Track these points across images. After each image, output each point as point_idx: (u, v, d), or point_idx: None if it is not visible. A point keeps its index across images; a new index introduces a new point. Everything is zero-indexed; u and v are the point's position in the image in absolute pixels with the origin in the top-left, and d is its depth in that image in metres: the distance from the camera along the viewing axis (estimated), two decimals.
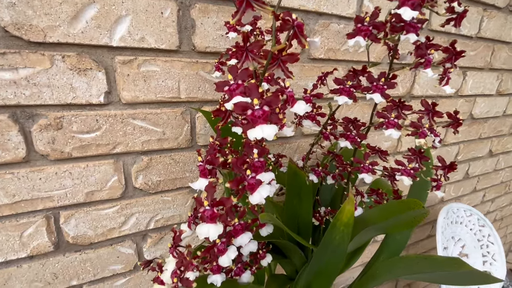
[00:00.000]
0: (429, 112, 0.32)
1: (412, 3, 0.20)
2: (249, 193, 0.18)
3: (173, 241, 0.23)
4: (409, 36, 0.22)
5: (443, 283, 0.29)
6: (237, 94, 0.18)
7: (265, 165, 0.20)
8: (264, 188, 0.18)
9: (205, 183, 0.19)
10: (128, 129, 0.44)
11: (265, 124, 0.15)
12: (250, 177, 0.18)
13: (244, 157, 0.19)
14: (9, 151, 0.38)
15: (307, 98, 0.31)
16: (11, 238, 0.42)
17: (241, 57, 0.21)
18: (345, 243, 0.35)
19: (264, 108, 0.16)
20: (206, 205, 0.18)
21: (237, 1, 0.19)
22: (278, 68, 0.21)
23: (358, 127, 0.35)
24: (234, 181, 0.18)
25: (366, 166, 0.35)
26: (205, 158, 0.20)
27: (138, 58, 0.41)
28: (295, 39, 0.18)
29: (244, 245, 0.24)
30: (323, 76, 0.34)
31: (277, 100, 0.16)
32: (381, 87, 0.28)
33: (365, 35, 0.23)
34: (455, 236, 0.92)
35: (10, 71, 0.35)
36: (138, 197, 0.49)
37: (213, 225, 0.18)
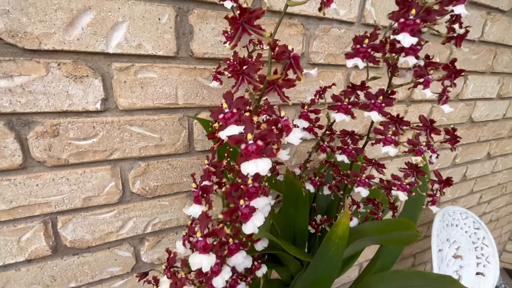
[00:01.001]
0: (427, 128, 0.31)
1: (411, 29, 0.19)
2: (243, 222, 0.18)
3: (168, 263, 0.23)
4: (408, 59, 0.22)
5: None
6: (232, 123, 0.18)
7: (259, 190, 0.20)
8: (257, 217, 0.18)
9: (199, 210, 0.19)
10: (125, 135, 0.44)
11: (259, 159, 0.15)
12: (244, 207, 0.18)
13: (238, 184, 0.19)
14: (5, 158, 0.38)
15: (305, 114, 0.30)
16: (9, 243, 0.42)
17: (237, 79, 0.20)
18: (339, 255, 0.35)
19: (258, 143, 0.16)
20: (199, 236, 0.18)
21: (233, 27, 0.18)
22: (274, 92, 0.20)
23: (356, 141, 0.35)
24: (227, 212, 0.18)
25: (362, 179, 0.35)
26: (199, 184, 0.20)
27: (135, 64, 0.41)
28: (291, 69, 0.17)
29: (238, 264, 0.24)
30: (321, 91, 0.34)
31: (272, 134, 0.16)
32: (379, 105, 0.28)
33: (364, 57, 0.23)
34: (450, 238, 0.93)
35: (5, 79, 0.35)
36: (136, 202, 0.49)
37: (206, 256, 0.18)
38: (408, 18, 0.19)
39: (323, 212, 0.51)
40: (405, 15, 0.20)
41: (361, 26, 0.57)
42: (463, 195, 1.12)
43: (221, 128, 0.19)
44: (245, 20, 0.18)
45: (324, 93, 0.34)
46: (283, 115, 0.18)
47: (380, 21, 0.58)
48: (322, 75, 0.57)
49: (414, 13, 0.19)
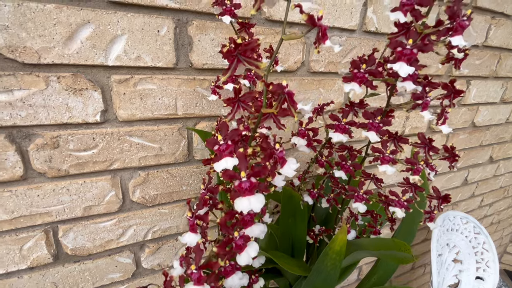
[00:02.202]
0: (425, 146, 0.31)
1: (408, 58, 0.19)
2: (237, 253, 0.18)
3: (164, 286, 0.23)
4: (405, 85, 0.22)
5: None
6: (226, 155, 0.18)
7: (254, 217, 0.20)
8: (252, 247, 0.18)
9: (194, 239, 0.19)
10: (125, 146, 0.44)
11: (253, 196, 0.15)
12: (238, 238, 0.18)
13: (233, 212, 0.19)
14: (6, 170, 0.38)
15: (302, 132, 0.30)
16: (11, 251, 0.43)
17: (233, 107, 0.21)
18: (336, 270, 0.35)
19: (251, 180, 0.16)
20: (193, 268, 0.18)
21: (228, 59, 0.18)
22: (270, 119, 0.20)
23: (354, 156, 0.35)
24: (221, 245, 0.18)
25: (360, 195, 0.35)
26: (195, 212, 0.20)
27: (134, 76, 0.41)
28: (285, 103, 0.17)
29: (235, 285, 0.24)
30: (319, 108, 0.34)
31: (265, 170, 0.16)
32: (377, 125, 0.28)
33: (361, 82, 0.23)
34: (450, 243, 0.93)
35: (5, 93, 0.35)
36: (136, 210, 0.50)
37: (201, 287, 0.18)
38: (405, 47, 0.19)
39: (322, 221, 0.51)
40: (402, 43, 0.19)
41: (362, 34, 0.57)
42: (464, 199, 1.11)
43: (216, 159, 0.19)
44: (241, 53, 0.18)
45: (322, 111, 0.34)
46: (277, 147, 0.18)
47: (382, 28, 0.58)
48: (322, 83, 0.57)
49: (411, 42, 0.19)
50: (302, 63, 0.53)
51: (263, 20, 0.47)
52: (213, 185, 0.22)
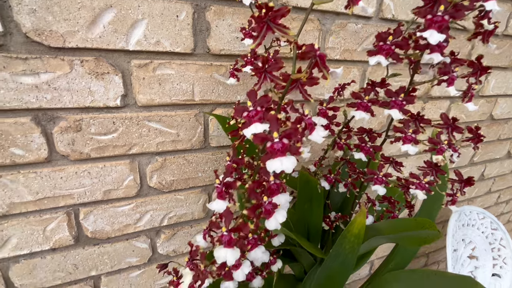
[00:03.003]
0: (448, 126, 0.31)
1: (439, 25, 0.19)
2: (266, 218, 0.18)
3: (190, 255, 0.24)
4: (433, 57, 0.22)
5: None
6: (256, 121, 0.18)
7: (280, 187, 0.20)
8: (280, 213, 0.18)
9: (222, 206, 0.20)
10: (144, 131, 0.45)
11: (284, 157, 0.16)
12: (267, 203, 0.18)
13: (260, 181, 0.19)
14: (32, 152, 0.40)
15: (323, 112, 0.30)
16: (35, 232, 0.44)
17: (259, 78, 0.21)
18: (354, 254, 0.35)
19: (283, 141, 0.16)
20: (224, 231, 0.19)
21: (257, 25, 0.19)
22: (296, 90, 0.20)
23: (373, 139, 0.35)
24: (251, 208, 0.18)
25: (379, 177, 0.35)
26: (222, 180, 0.21)
27: (153, 61, 0.42)
28: (316, 68, 0.17)
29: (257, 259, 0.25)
30: (340, 88, 0.34)
31: (296, 132, 0.16)
32: (400, 102, 0.27)
33: (387, 54, 0.22)
34: (466, 238, 0.91)
35: (32, 76, 0.36)
36: (153, 196, 0.51)
37: (231, 250, 0.19)
38: (436, 14, 0.19)
39: (337, 209, 0.51)
40: (432, 11, 0.19)
41: (378, 21, 0.56)
42: (480, 195, 1.09)
43: (244, 125, 0.19)
44: (270, 19, 0.18)
45: (343, 90, 0.34)
46: (306, 113, 0.18)
47: (399, 15, 0.57)
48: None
49: (443, 9, 0.19)
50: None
51: (279, 6, 0.47)
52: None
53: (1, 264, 0.44)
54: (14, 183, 0.40)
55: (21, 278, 0.46)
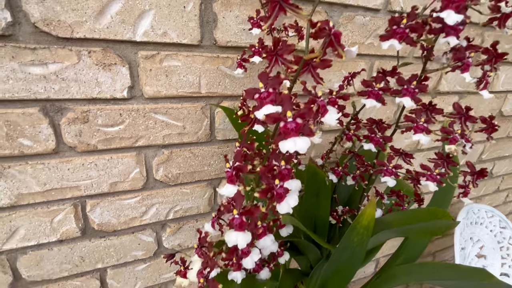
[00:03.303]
0: (461, 116, 0.30)
1: (456, 5, 0.18)
2: (277, 202, 0.18)
3: (199, 242, 0.24)
4: (449, 40, 0.21)
5: None
6: (268, 102, 0.18)
7: (291, 172, 0.20)
8: (291, 197, 0.18)
9: (233, 190, 0.19)
10: (150, 123, 0.45)
11: (298, 137, 0.15)
12: (278, 187, 0.18)
13: (271, 165, 0.19)
14: (40, 142, 0.40)
15: (333, 100, 0.30)
16: (42, 223, 0.45)
17: (270, 61, 0.20)
18: (363, 246, 0.35)
19: (297, 121, 0.15)
20: (235, 213, 0.18)
21: (270, 5, 0.18)
22: (308, 74, 0.20)
23: (383, 129, 0.34)
24: (263, 191, 0.18)
25: (389, 169, 0.34)
26: (233, 164, 0.20)
27: (160, 53, 0.41)
28: (330, 48, 0.17)
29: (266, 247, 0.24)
30: (350, 77, 0.33)
31: (310, 112, 0.16)
32: (412, 90, 0.27)
33: (401, 38, 0.22)
34: (474, 237, 0.89)
35: (40, 66, 0.36)
36: (159, 189, 0.51)
37: (242, 233, 0.18)
38: None
39: (344, 203, 0.50)
40: None
41: (387, 14, 0.55)
42: (488, 193, 1.07)
43: (256, 108, 0.19)
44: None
45: (353, 78, 0.33)
46: (320, 94, 0.18)
47: (407, 8, 0.56)
48: (345, 65, 0.56)
49: None
50: None
51: None
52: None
53: (9, 255, 0.44)
54: (22, 174, 0.40)
55: (28, 269, 0.46)
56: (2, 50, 0.34)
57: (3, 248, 0.43)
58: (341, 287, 0.41)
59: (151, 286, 0.59)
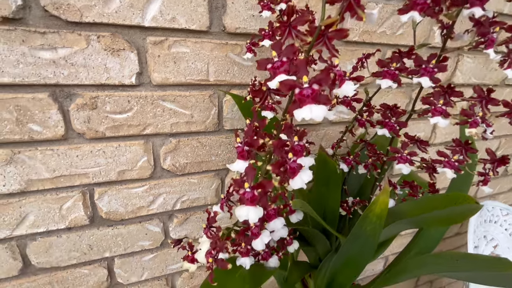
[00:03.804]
0: (482, 99, 0.29)
1: None
2: (290, 177, 0.17)
3: (208, 222, 0.23)
4: (474, 10, 0.20)
5: (487, 284, 0.27)
6: (281, 72, 0.17)
7: (304, 149, 0.19)
8: (305, 173, 0.17)
9: (243, 165, 0.19)
10: (158, 110, 0.45)
11: (314, 104, 0.14)
12: (292, 161, 0.17)
13: (284, 141, 0.18)
14: (49, 128, 0.40)
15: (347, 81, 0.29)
16: (51, 210, 0.45)
17: (283, 33, 0.19)
18: (376, 235, 0.34)
19: (313, 87, 0.14)
20: (246, 187, 0.18)
21: None
22: (323, 46, 0.19)
23: (398, 114, 0.33)
24: (275, 164, 0.17)
25: (404, 156, 0.33)
26: (244, 139, 0.20)
27: (168, 39, 0.41)
28: (348, 12, 0.16)
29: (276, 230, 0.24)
30: (364, 58, 0.32)
31: (328, 78, 0.15)
32: (431, 70, 0.26)
33: (421, 9, 0.21)
34: (488, 235, 0.87)
35: (50, 50, 0.36)
36: (166, 178, 0.50)
37: (253, 208, 0.18)
38: None
39: (355, 195, 0.49)
40: None
41: (400, 1, 0.53)
42: (503, 191, 1.03)
43: (269, 79, 0.18)
44: None
45: (368, 59, 0.32)
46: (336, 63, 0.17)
47: None
48: (356, 54, 0.54)
49: None
50: None
51: None
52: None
53: (19, 241, 0.45)
54: (32, 159, 0.41)
55: (37, 256, 0.47)
56: (13, 33, 0.34)
57: (13, 234, 0.44)
58: (350, 280, 0.40)
59: (157, 276, 0.59)
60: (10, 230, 0.43)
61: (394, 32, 0.56)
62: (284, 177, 0.17)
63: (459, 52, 0.62)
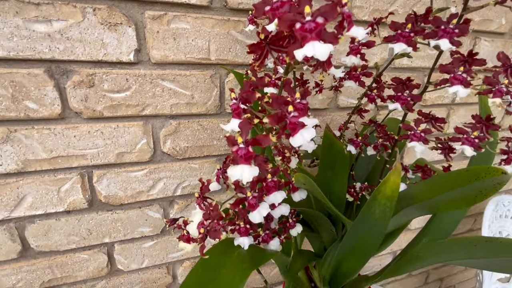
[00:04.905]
0: (507, 67, 0.26)
1: None
2: (291, 133, 0.15)
3: (201, 192, 0.21)
4: None
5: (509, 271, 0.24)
6: (282, 13, 0.15)
7: (307, 109, 0.17)
8: (307, 131, 0.15)
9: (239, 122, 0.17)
10: (157, 90, 0.43)
11: (318, 41, 0.12)
12: (292, 116, 0.15)
13: (283, 97, 0.16)
14: (46, 106, 0.39)
15: (355, 48, 0.26)
16: (49, 192, 0.44)
17: None
18: (386, 219, 0.31)
19: (317, 21, 0.12)
20: (240, 142, 0.16)
21: None
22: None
23: (412, 87, 0.30)
24: (273, 116, 0.15)
25: (417, 133, 0.30)
26: (239, 95, 0.18)
27: (168, 13, 0.39)
28: None
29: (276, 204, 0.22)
30: (375, 23, 0.29)
31: (334, 11, 0.12)
32: (451, 31, 0.23)
33: None
34: (503, 231, 0.82)
35: (45, 23, 0.35)
36: (166, 162, 0.49)
37: (248, 166, 0.15)
38: None
39: (363, 181, 0.46)
40: None
41: None
42: None
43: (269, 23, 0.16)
44: None
45: (379, 24, 0.29)
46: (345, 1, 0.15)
47: None
48: None
49: None
50: None
51: None
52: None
53: (17, 223, 0.44)
54: (28, 138, 0.40)
55: (36, 239, 0.46)
56: (6, 4, 0.33)
57: (11, 215, 0.43)
58: (356, 269, 0.37)
59: (158, 264, 0.57)
60: (8, 212, 0.43)
61: (407, 11, 0.53)
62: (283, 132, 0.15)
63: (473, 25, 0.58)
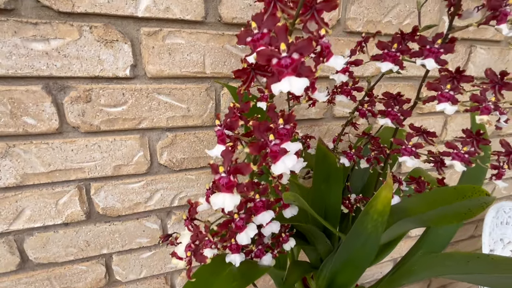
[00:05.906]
0: (495, 84, 0.26)
1: None
2: (271, 161, 0.15)
3: (189, 214, 0.22)
4: None
5: None
6: (262, 45, 0.15)
7: (291, 134, 0.17)
8: (289, 158, 0.15)
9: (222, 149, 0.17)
10: (153, 104, 0.44)
11: (294, 76, 0.13)
12: (273, 144, 0.15)
13: (267, 123, 0.16)
14: (44, 121, 0.39)
15: (344, 68, 0.27)
16: (48, 205, 0.44)
17: (268, 6, 0.18)
18: (378, 233, 0.31)
19: (293, 56, 0.13)
20: (221, 171, 0.16)
21: None
22: (311, 20, 0.17)
23: (402, 103, 0.30)
24: (254, 145, 0.15)
25: (408, 147, 0.30)
26: (224, 122, 0.18)
27: (163, 29, 0.40)
28: None
29: (265, 224, 0.22)
30: (363, 41, 0.30)
31: (310, 46, 0.13)
32: (436, 50, 0.23)
33: None
34: (505, 238, 0.82)
35: (42, 41, 0.36)
36: (163, 174, 0.49)
37: (229, 194, 0.16)
38: None
39: (358, 192, 0.46)
40: None
41: None
42: None
43: (249, 54, 0.16)
44: None
45: (367, 42, 0.30)
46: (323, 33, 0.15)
47: None
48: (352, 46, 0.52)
49: None
50: (337, 21, 0.49)
51: None
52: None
53: (16, 235, 0.45)
54: (27, 153, 0.40)
55: (35, 251, 0.46)
56: (5, 24, 0.34)
57: (10, 228, 0.44)
58: (352, 281, 0.37)
59: (156, 275, 0.58)
60: (7, 225, 0.43)
61: (400, 22, 0.53)
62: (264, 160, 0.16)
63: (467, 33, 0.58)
